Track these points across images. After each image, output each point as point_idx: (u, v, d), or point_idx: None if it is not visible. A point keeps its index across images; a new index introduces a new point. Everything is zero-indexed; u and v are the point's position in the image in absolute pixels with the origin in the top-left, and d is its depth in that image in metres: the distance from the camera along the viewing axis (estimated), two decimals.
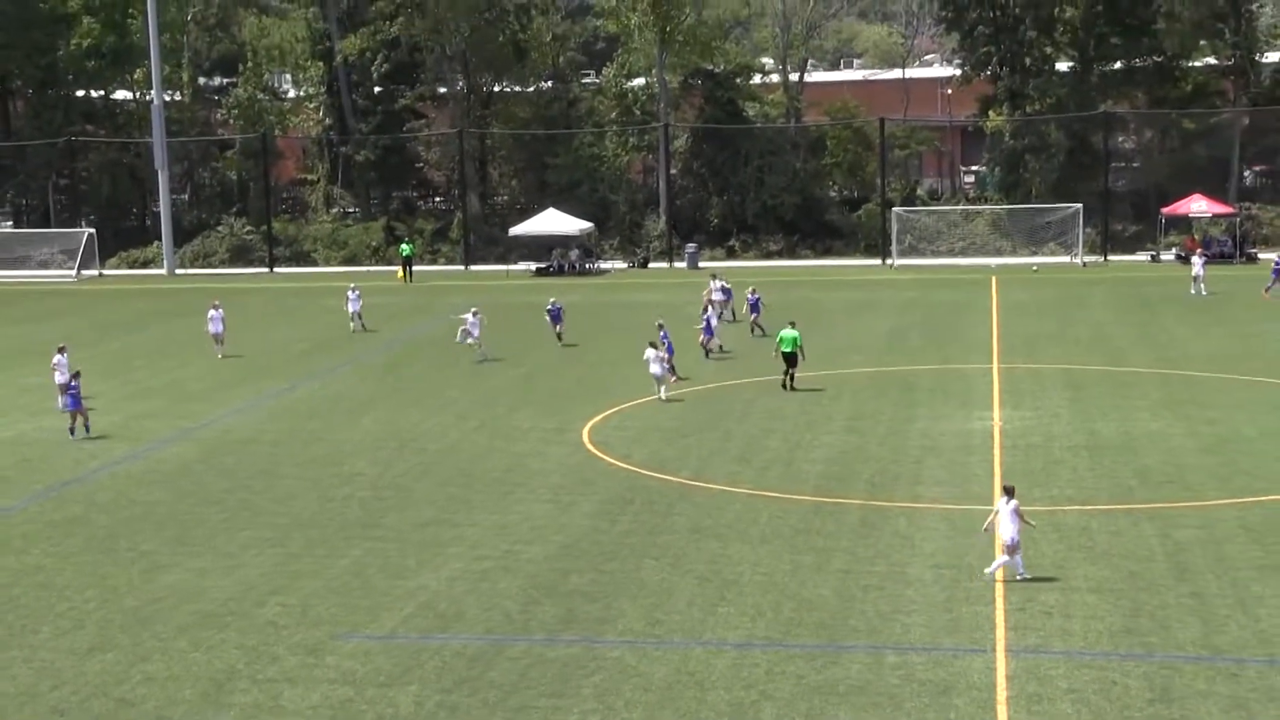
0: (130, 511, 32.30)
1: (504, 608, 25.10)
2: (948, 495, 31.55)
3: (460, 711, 20.62)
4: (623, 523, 30.11)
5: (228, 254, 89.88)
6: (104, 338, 58.60)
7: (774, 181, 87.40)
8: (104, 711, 21.12)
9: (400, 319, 63.45)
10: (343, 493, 33.39)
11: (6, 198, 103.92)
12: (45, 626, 24.88)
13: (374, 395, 45.24)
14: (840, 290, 69.09)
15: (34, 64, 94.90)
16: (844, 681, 21.29)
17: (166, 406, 44.39)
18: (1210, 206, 78.45)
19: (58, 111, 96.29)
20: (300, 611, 25.22)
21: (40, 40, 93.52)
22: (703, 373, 46.35)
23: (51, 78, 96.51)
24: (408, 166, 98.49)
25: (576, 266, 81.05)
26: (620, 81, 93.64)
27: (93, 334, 60.32)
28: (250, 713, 20.85)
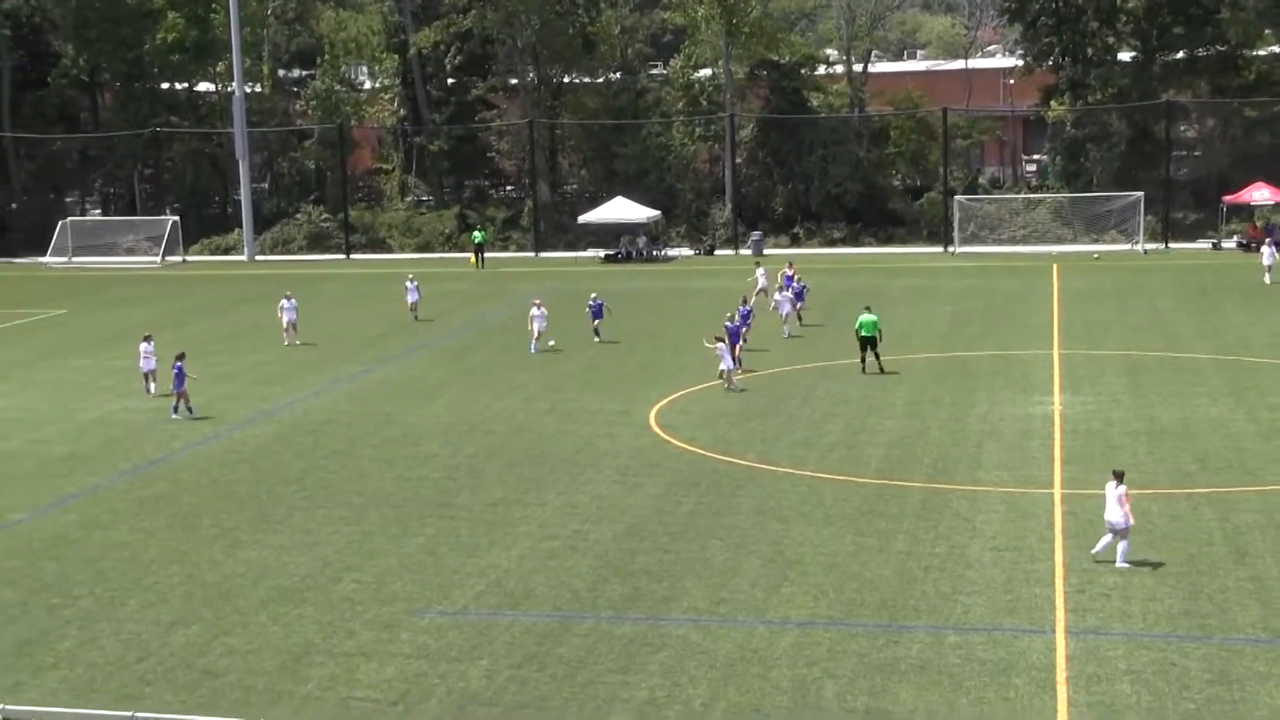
0: (212, 490, 32.60)
1: (572, 586, 25.16)
2: (1008, 479, 31.36)
3: (530, 686, 20.69)
4: (688, 504, 30.11)
5: (305, 241, 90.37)
6: (186, 322, 59.09)
7: (838, 170, 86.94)
8: (188, 682, 21.34)
9: (472, 304, 63.65)
10: (416, 473, 33.56)
11: (95, 187, 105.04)
12: (132, 600, 25.17)
13: (446, 379, 45.40)
14: (902, 277, 68.71)
15: (121, 58, 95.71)
16: (905, 660, 21.22)
17: (246, 389, 44.72)
18: (1273, 194, 77.28)
19: (144, 104, 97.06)
20: (375, 588, 25.38)
21: (127, 35, 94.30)
22: (766, 359, 46.16)
23: (138, 71, 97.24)
24: (480, 156, 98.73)
25: (644, 254, 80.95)
26: (687, 73, 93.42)
27: (176, 318, 60.83)
28: (327, 685, 21.01)
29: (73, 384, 46.47)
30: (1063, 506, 29.05)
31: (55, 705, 19.64)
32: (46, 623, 24.12)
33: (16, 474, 34.65)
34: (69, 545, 28.57)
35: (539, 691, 20.49)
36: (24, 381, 47.48)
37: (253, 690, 20.89)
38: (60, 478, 34.15)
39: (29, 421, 40.78)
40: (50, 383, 46.97)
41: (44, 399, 44.18)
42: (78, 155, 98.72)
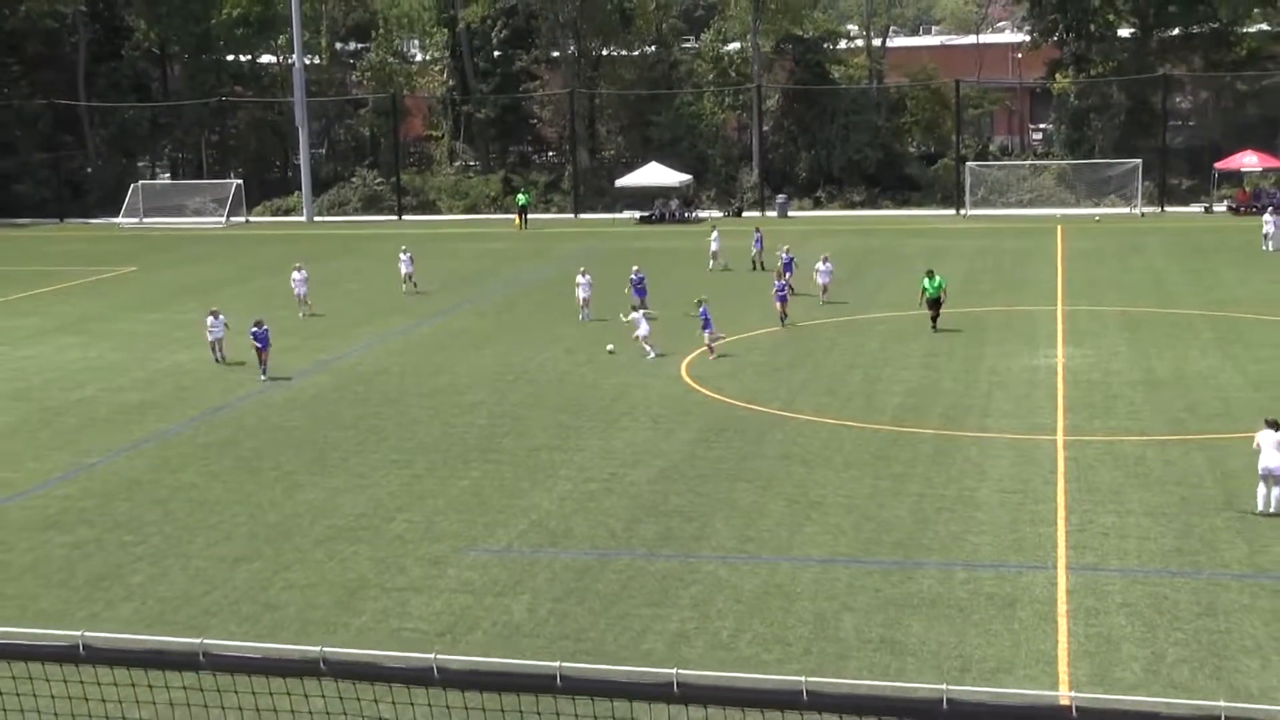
0: (273, 435, 32.69)
1: (609, 525, 25.16)
2: (1014, 426, 31.23)
3: (569, 619, 20.71)
4: (717, 449, 30.07)
5: (360, 203, 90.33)
6: (249, 279, 59.22)
7: (858, 138, 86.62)
8: (250, 614, 21.43)
9: (516, 262, 63.58)
10: (463, 420, 33.58)
11: (165, 152, 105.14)
12: (198, 538, 25.28)
13: (491, 332, 45.38)
14: (918, 238, 68.34)
15: (189, 32, 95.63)
16: (918, 595, 21.19)
17: (304, 341, 44.78)
18: (1262, 161, 76.89)
19: (210, 75, 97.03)
20: (425, 527, 25.43)
21: (195, 10, 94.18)
22: (791, 314, 45.98)
23: (205, 44, 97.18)
24: (523, 123, 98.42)
25: (676, 215, 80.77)
26: (717, 46, 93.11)
27: (239, 275, 60.96)
28: (380, 618, 21.07)
29: (143, 336, 46.63)
30: (1065, 452, 28.92)
31: (129, 634, 19.75)
32: (120, 558, 24.25)
33: (92, 420, 34.82)
34: (140, 487, 28.71)
35: (577, 624, 20.52)
36: (99, 333, 47.66)
37: (311, 622, 20.98)
38: (133, 424, 34.29)
39: (103, 371, 40.96)
40: (123, 335, 47.14)
41: (117, 350, 44.34)
42: (149, 123, 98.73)
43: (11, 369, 41.72)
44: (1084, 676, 18.25)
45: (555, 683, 6.34)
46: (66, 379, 39.99)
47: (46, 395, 37.93)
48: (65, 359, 43.00)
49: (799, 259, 50.75)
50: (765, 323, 44.49)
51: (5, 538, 25.57)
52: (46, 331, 48.26)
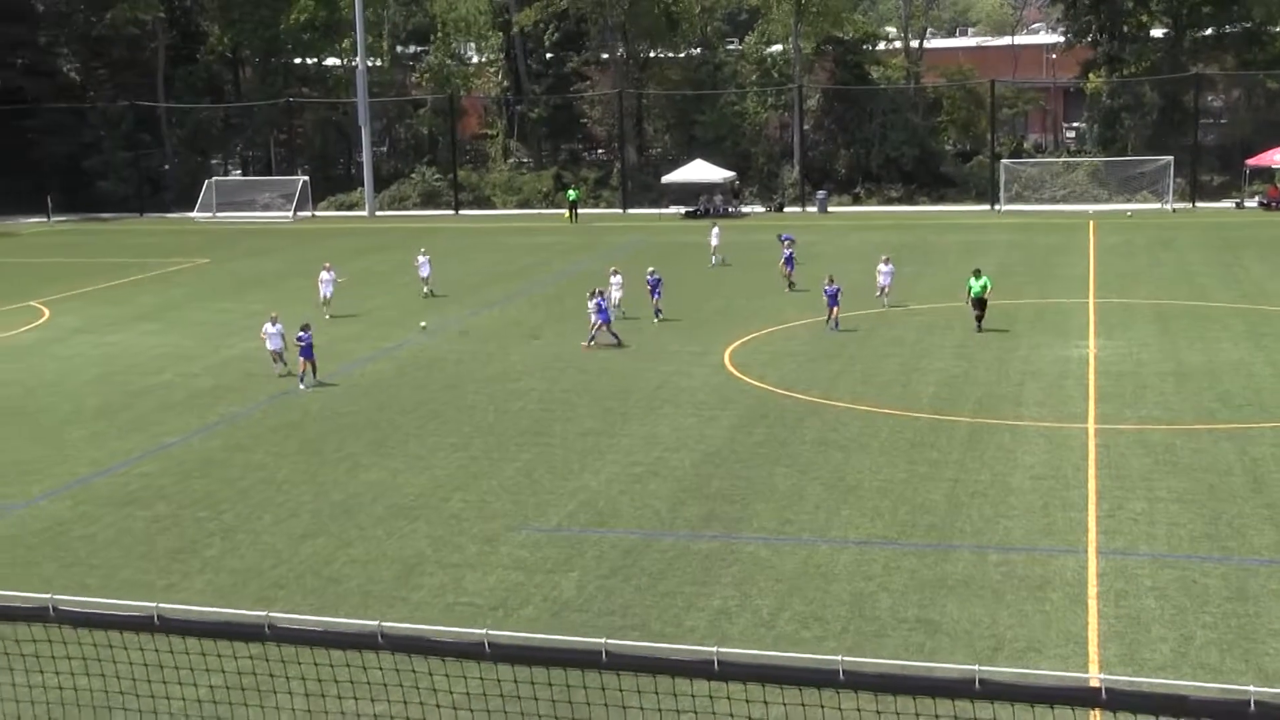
0: (337, 419, 32.84)
1: (654, 507, 25.14)
2: (1046, 415, 30.98)
3: (615, 595, 20.72)
4: (758, 435, 29.99)
5: (419, 198, 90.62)
6: (314, 271, 59.46)
7: (895, 136, 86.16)
8: (315, 587, 21.55)
9: (566, 255, 63.62)
10: (516, 405, 33.63)
11: (236, 150, 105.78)
12: (267, 515, 25.44)
13: (543, 321, 45.41)
14: (953, 233, 67.92)
15: (260, 37, 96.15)
16: (952, 576, 21.07)
17: (366, 330, 44.98)
18: None
19: (278, 77, 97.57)
20: (479, 506, 25.49)
21: (265, 16, 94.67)
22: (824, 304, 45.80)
23: (274, 48, 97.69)
24: (574, 122, 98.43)
25: (720, 210, 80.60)
26: (760, 48, 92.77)
27: (305, 267, 61.23)
28: (437, 593, 21.14)
29: (216, 324, 46.95)
30: (1096, 440, 28.66)
31: (202, 605, 19.91)
32: (195, 533, 24.44)
33: (169, 403, 35.09)
34: (214, 466, 28.92)
35: (624, 600, 20.52)
36: (174, 321, 48.03)
37: (371, 595, 21.07)
38: (206, 407, 34.54)
39: (179, 357, 41.27)
40: (196, 323, 47.48)
41: (191, 337, 44.67)
42: (221, 122, 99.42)
43: (97, 354, 42.12)
44: (1114, 657, 18.08)
45: (601, 659, 6.33)
46: (146, 364, 40.33)
47: (128, 380, 38.27)
48: (145, 345, 43.37)
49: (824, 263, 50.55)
50: (804, 314, 44.34)
51: (92, 511, 25.84)
52: (127, 319, 48.69)
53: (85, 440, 31.50)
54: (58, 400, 35.95)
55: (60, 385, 37.88)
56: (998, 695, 5.77)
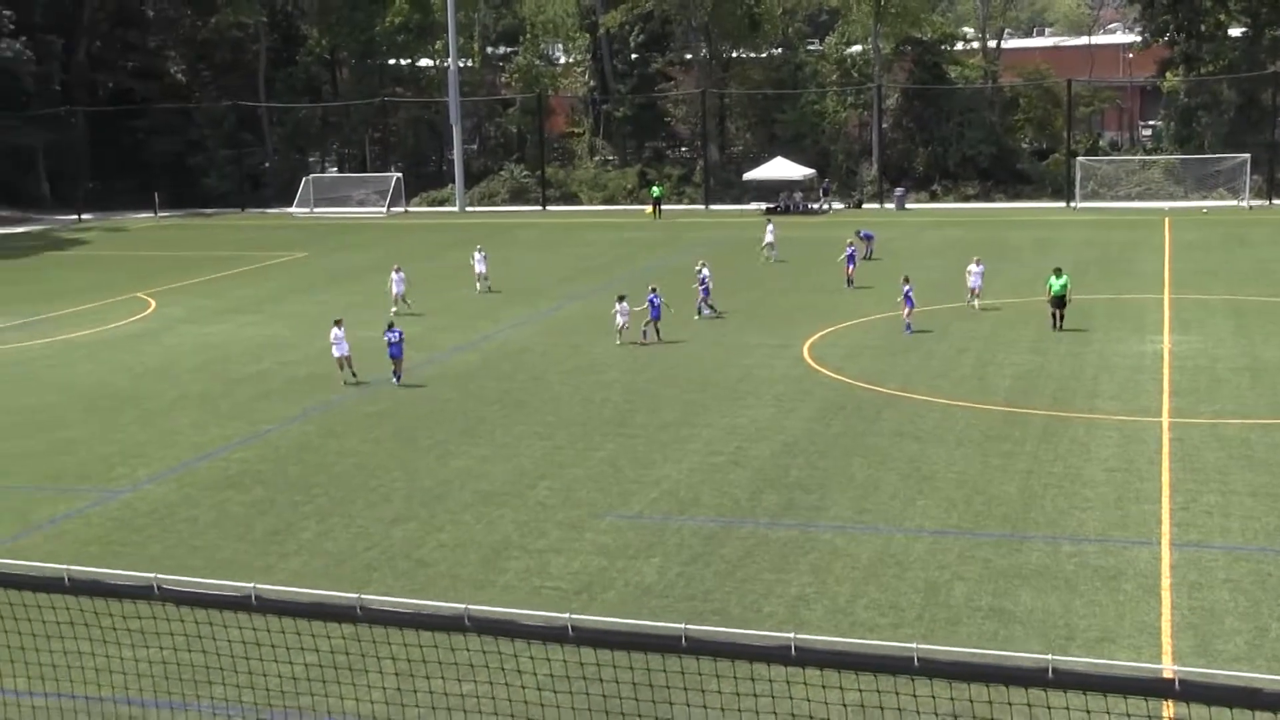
0: (427, 407, 33.08)
1: (734, 495, 25.09)
2: (1121, 409, 30.54)
3: (695, 581, 20.70)
4: (836, 426, 29.83)
5: (508, 194, 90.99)
6: (406, 264, 59.88)
7: (972, 134, 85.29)
8: (406, 570, 21.73)
9: (650, 250, 63.60)
10: (600, 396, 33.69)
11: (333, 148, 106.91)
12: (360, 499, 25.68)
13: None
14: (1028, 229, 67.10)
15: (356, 39, 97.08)
16: (1025, 566, 20.84)
17: (455, 322, 45.24)
18: None
19: (374, 77, 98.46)
20: (564, 494, 25.57)
21: (361, 19, 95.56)
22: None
23: (370, 50, 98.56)
24: (658, 121, 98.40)
25: (800, 206, 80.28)
26: (840, 48, 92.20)
27: (398, 260, 61.68)
28: (523, 577, 21.23)
29: (312, 315, 47.41)
30: (1170, 434, 28.21)
31: (297, 586, 20.13)
32: (291, 516, 24.73)
33: (267, 391, 35.53)
34: (309, 451, 29.24)
35: (704, 586, 20.49)
36: (273, 313, 48.62)
37: (459, 579, 21.20)
38: (302, 395, 34.91)
39: (277, 346, 41.76)
40: (294, 314, 48.02)
41: (289, 327, 45.18)
42: (319, 121, 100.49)
43: (199, 344, 42.75)
44: (1187, 648, 17.78)
45: (681, 643, 6.31)
46: (245, 354, 40.86)
47: (228, 368, 38.80)
48: (244, 335, 43.94)
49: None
50: (882, 307, 44.00)
51: (193, 495, 26.24)
52: (228, 311, 49.36)
53: (188, 426, 31.98)
54: (163, 387, 36.54)
55: (165, 373, 38.48)
56: (1071, 684, 5.67)
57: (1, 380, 38.09)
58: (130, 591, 7.71)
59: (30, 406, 34.61)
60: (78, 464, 28.87)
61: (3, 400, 35.49)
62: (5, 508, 25.85)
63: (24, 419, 33.22)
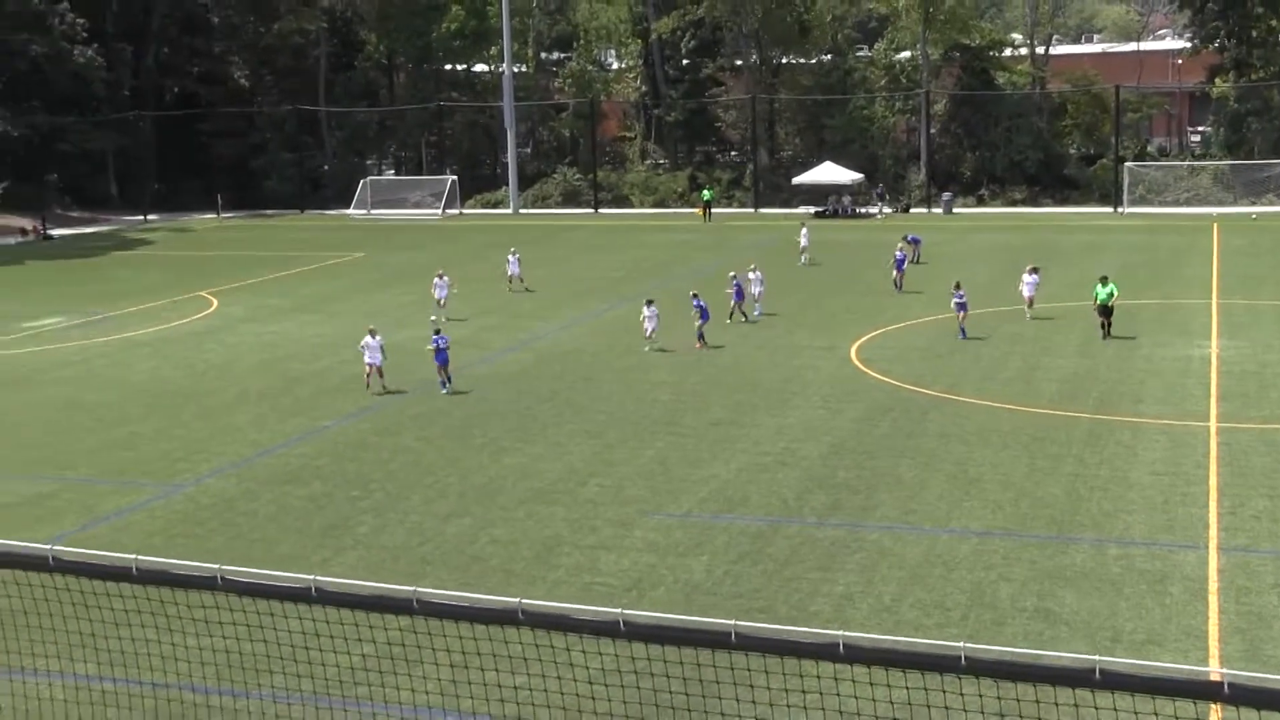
0: (480, 406, 33.20)
1: (781, 495, 25.04)
2: (1167, 413, 30.24)
3: (743, 579, 20.67)
4: (883, 427, 29.71)
5: (561, 197, 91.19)
6: (461, 264, 60.16)
7: (1020, 140, 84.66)
8: (460, 564, 21.82)
9: (700, 252, 63.55)
10: (649, 396, 33.70)
11: (390, 151, 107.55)
12: (415, 495, 25.80)
13: (675, 317, 45.29)
14: (1076, 234, 66.55)
15: (414, 45, 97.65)
16: (1071, 568, 20.67)
17: (507, 322, 45.38)
18: None
19: (430, 82, 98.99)
20: (614, 491, 25.59)
21: (418, 25, 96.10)
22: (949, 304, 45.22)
23: (427, 56, 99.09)
24: (709, 126, 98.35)
25: (848, 210, 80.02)
26: (889, 54, 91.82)
27: (453, 260, 61.95)
28: (573, 572, 21.27)
29: (369, 314, 47.58)
30: (1218, 438, 27.90)
31: (355, 579, 20.27)
32: (348, 511, 24.89)
33: (325, 389, 35.76)
34: (365, 448, 29.42)
35: (752, 584, 20.47)
36: (331, 312, 48.93)
37: (512, 574, 21.27)
38: (359, 392, 35.07)
39: (335, 345, 42.00)
40: (352, 313, 48.29)
41: (347, 326, 45.41)
42: (377, 125, 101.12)
43: (261, 342, 43.10)
44: (1235, 652, 17.58)
45: (731, 639, 6.31)
46: (305, 352, 41.15)
47: (288, 366, 39.10)
48: (304, 334, 44.26)
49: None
50: (930, 310, 43.79)
51: (253, 489, 26.46)
52: (288, 309, 49.74)
53: (249, 422, 32.25)
54: (225, 384, 36.87)
55: (227, 370, 38.83)
56: (1117, 685, 5.63)
57: (70, 377, 38.57)
58: (195, 582, 7.80)
59: (97, 402, 35.03)
60: (141, 458, 29.19)
61: (71, 396, 35.93)
62: (72, 500, 26.18)
63: (91, 414, 33.63)
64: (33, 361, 40.95)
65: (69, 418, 33.30)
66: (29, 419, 33.30)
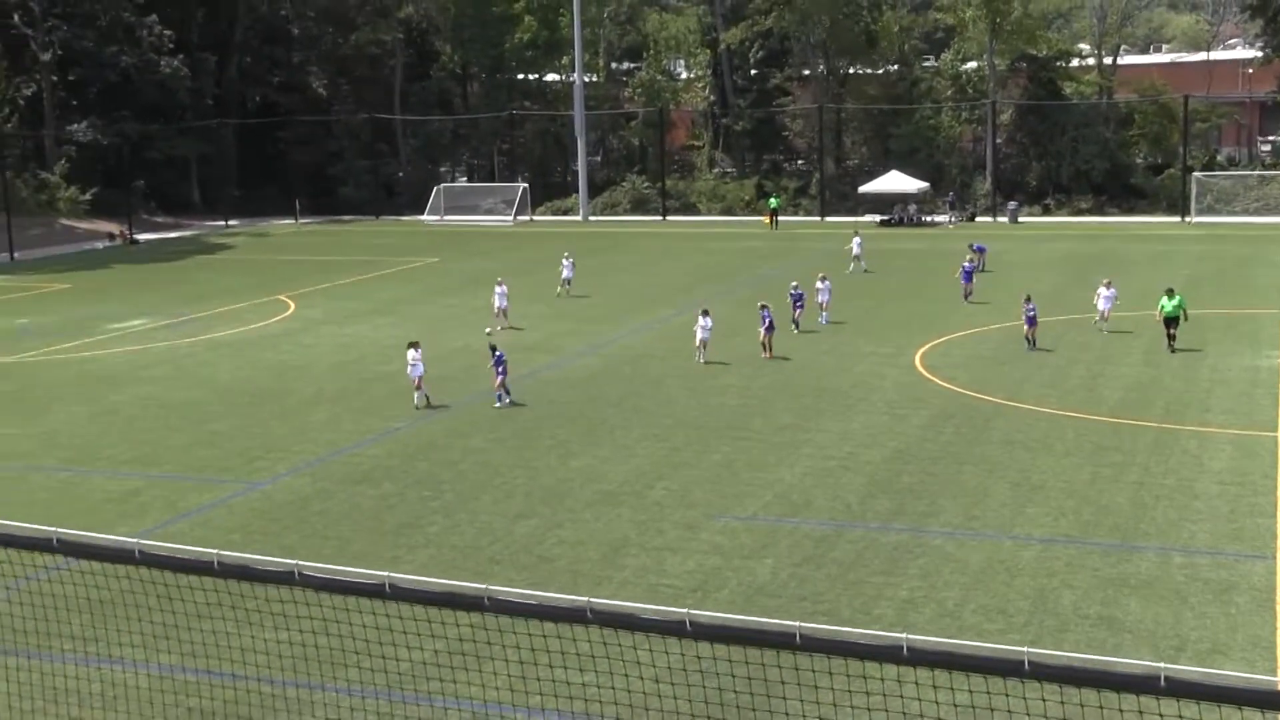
0: (549, 409, 33.30)
1: (845, 499, 24.93)
2: (1234, 422, 29.78)
3: (808, 582, 20.60)
4: (947, 434, 29.50)
5: (629, 205, 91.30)
6: (532, 271, 60.40)
7: (1086, 150, 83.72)
8: (528, 564, 21.89)
9: (765, 260, 63.42)
10: (716, 400, 33.66)
11: (463, 159, 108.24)
12: (484, 496, 25.93)
13: (743, 322, 45.16)
14: (1142, 243, 65.71)
15: (487, 55, 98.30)
16: (1134, 576, 20.41)
17: (577, 327, 45.50)
18: None
19: (503, 91, 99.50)
20: (680, 494, 25.58)
21: (492, 36, 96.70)
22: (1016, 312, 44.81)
23: (499, 65, 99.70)
24: (776, 135, 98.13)
25: (914, 219, 79.52)
26: (955, 65, 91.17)
27: (524, 266, 62.22)
28: (639, 574, 21.28)
29: (442, 318, 48.04)
30: None
31: (425, 577, 20.40)
32: (419, 510, 25.06)
33: (398, 390, 35.96)
34: (436, 449, 29.60)
35: (815, 587, 20.39)
36: (405, 315, 49.30)
37: (579, 574, 21.32)
38: (431, 394, 35.26)
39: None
40: (424, 317, 48.64)
41: (419, 330, 45.60)
42: (450, 133, 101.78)
43: (337, 344, 43.52)
44: None
45: (795, 640, 6.31)
46: (378, 354, 41.48)
47: (362, 368, 39.44)
48: (378, 337, 44.62)
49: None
50: (994, 319, 43.43)
51: (328, 488, 26.71)
52: (364, 313, 50.18)
53: (324, 423, 32.57)
54: (301, 385, 37.26)
55: (304, 372, 39.24)
56: (1182, 693, 5.57)
57: (154, 377, 39.14)
58: (273, 577, 7.91)
59: (179, 401, 35.52)
60: (221, 456, 29.57)
61: (155, 395, 36.47)
62: (156, 496, 26.57)
63: (175, 413, 34.11)
64: (121, 362, 41.61)
65: (155, 416, 33.79)
66: (118, 418, 33.84)
